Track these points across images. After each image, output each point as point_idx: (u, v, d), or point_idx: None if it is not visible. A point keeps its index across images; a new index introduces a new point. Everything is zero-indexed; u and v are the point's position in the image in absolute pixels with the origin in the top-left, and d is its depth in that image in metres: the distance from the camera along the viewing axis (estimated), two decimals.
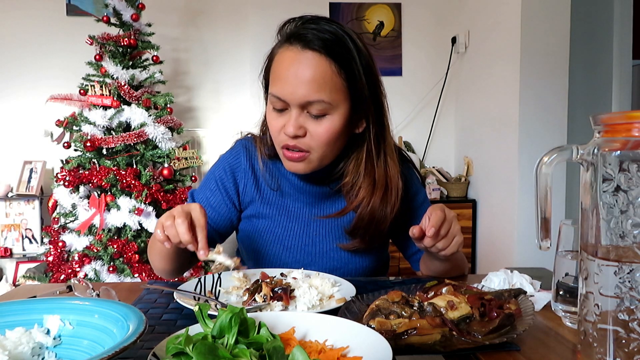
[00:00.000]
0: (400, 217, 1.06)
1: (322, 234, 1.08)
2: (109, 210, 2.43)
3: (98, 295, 0.81)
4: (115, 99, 2.54)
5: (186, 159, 2.65)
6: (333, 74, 0.91)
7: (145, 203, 2.42)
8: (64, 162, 2.54)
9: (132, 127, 2.54)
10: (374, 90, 0.99)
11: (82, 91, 2.56)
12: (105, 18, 2.62)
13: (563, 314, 0.73)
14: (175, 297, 0.79)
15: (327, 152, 0.97)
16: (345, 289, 0.84)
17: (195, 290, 0.85)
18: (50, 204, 2.63)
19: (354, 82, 0.94)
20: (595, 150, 0.53)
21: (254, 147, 1.10)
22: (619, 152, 0.51)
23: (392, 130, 1.05)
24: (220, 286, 0.89)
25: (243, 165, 1.09)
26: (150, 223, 2.46)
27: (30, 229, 3.01)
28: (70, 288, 0.87)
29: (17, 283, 2.94)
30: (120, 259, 2.41)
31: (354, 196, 1.02)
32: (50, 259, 2.46)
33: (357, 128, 1.00)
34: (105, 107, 2.54)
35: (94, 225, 2.44)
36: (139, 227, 2.46)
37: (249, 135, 1.13)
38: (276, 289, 0.78)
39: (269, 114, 0.97)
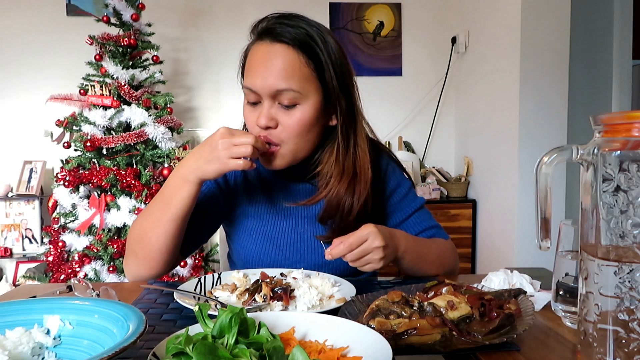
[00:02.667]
0: (379, 210, 1.09)
1: (310, 231, 1.08)
2: (109, 210, 2.44)
3: (98, 295, 0.81)
4: (115, 99, 2.54)
5: None
6: (301, 64, 0.94)
7: (145, 203, 2.42)
8: (64, 162, 2.54)
9: (132, 127, 2.54)
10: (343, 81, 1.00)
11: (82, 91, 2.56)
12: (105, 18, 2.62)
13: (563, 314, 0.73)
14: (175, 297, 0.79)
15: (299, 145, 0.98)
16: (345, 289, 0.84)
17: (195, 290, 0.85)
18: (50, 204, 2.63)
19: (323, 72, 0.96)
20: (595, 150, 0.53)
21: None
22: (619, 152, 0.51)
23: (365, 120, 1.08)
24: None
25: None
26: None
27: (30, 229, 3.01)
28: (70, 288, 0.87)
29: (17, 283, 2.94)
30: (120, 259, 2.41)
31: (324, 185, 1.04)
32: (50, 259, 2.46)
33: (330, 120, 1.02)
34: (105, 107, 2.54)
35: (94, 225, 2.44)
36: None
37: None
38: (276, 289, 0.78)
39: (244, 108, 1.01)
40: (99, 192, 2.47)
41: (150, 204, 1.01)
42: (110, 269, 2.39)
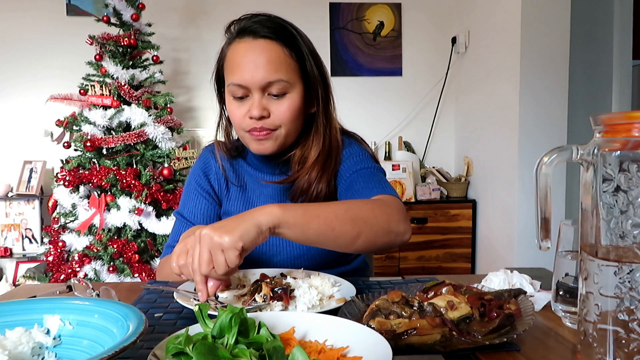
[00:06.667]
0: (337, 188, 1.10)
1: None
2: (109, 210, 2.43)
3: (98, 295, 0.81)
4: (115, 99, 2.54)
5: (186, 159, 2.65)
6: (286, 56, 0.99)
7: (145, 203, 2.42)
8: (64, 162, 2.54)
9: (132, 127, 2.54)
10: (320, 70, 1.06)
11: (82, 91, 2.57)
12: (105, 18, 2.62)
13: (563, 314, 0.73)
14: (175, 297, 0.79)
15: (290, 130, 1.03)
16: (345, 289, 0.84)
17: (195, 290, 0.85)
18: (50, 204, 2.63)
19: (304, 62, 1.02)
20: (595, 150, 0.53)
21: (219, 150, 1.16)
22: (619, 152, 0.51)
23: (335, 107, 1.11)
24: None
25: (213, 167, 1.16)
26: (150, 223, 2.46)
27: (30, 229, 3.01)
28: (70, 288, 0.87)
29: (17, 283, 2.94)
30: (120, 259, 2.41)
31: (300, 165, 1.08)
32: (50, 259, 2.46)
33: (310, 108, 1.07)
34: (105, 107, 2.54)
35: (94, 225, 2.44)
36: (139, 227, 2.46)
37: (211, 142, 1.20)
38: (276, 289, 0.78)
39: (230, 104, 1.03)
40: (99, 192, 2.47)
41: (168, 257, 1.04)
42: (110, 269, 2.38)
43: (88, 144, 2.43)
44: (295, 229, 0.80)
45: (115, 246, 2.37)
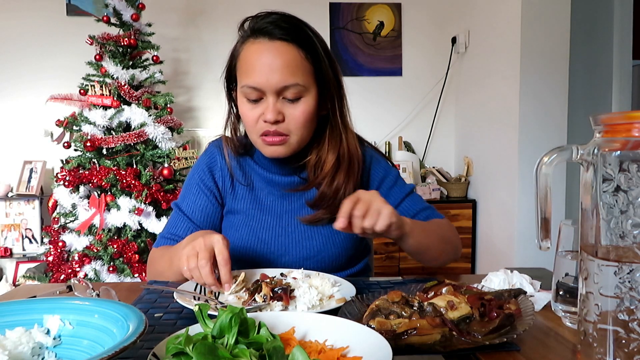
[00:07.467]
0: None
1: (294, 224, 1.09)
2: (109, 210, 2.43)
3: (98, 295, 0.81)
4: (115, 99, 2.54)
5: (186, 159, 2.65)
6: (302, 59, 0.97)
7: (145, 203, 2.42)
8: (64, 162, 2.54)
9: (132, 127, 2.54)
10: (334, 70, 1.04)
11: (82, 91, 2.57)
12: (105, 18, 2.62)
13: (563, 314, 0.73)
14: (175, 297, 0.79)
15: (304, 134, 1.02)
16: (345, 289, 0.84)
17: (195, 290, 0.85)
18: (50, 204, 2.63)
19: (319, 64, 1.00)
20: (595, 150, 0.53)
21: (226, 146, 1.14)
22: (619, 152, 0.51)
23: (348, 107, 1.11)
24: None
25: (219, 163, 1.13)
26: (150, 223, 2.46)
27: (30, 229, 3.01)
28: (70, 288, 0.87)
29: (17, 283, 2.94)
30: (120, 259, 2.41)
31: (319, 170, 1.07)
32: (50, 259, 2.46)
33: (323, 109, 1.05)
34: (105, 107, 2.54)
35: (94, 225, 2.44)
36: (139, 227, 2.46)
37: (219, 137, 1.17)
38: (276, 289, 0.78)
39: (243, 106, 1.01)
40: (99, 192, 2.47)
41: (163, 251, 1.04)
42: (110, 269, 2.39)
43: (88, 144, 2.43)
44: (415, 239, 0.95)
45: (115, 246, 2.37)
